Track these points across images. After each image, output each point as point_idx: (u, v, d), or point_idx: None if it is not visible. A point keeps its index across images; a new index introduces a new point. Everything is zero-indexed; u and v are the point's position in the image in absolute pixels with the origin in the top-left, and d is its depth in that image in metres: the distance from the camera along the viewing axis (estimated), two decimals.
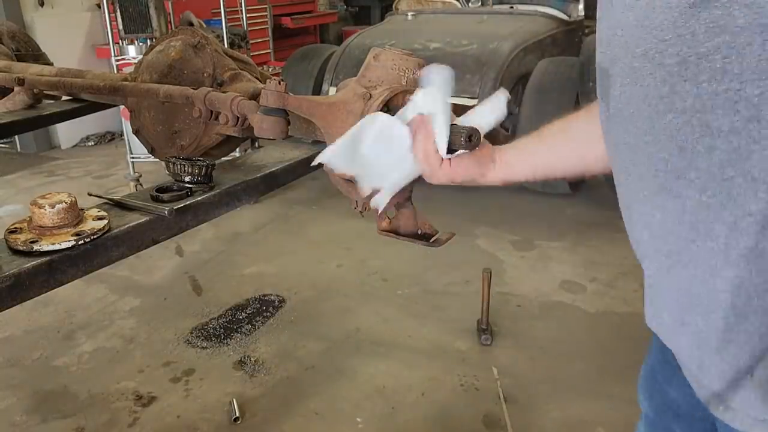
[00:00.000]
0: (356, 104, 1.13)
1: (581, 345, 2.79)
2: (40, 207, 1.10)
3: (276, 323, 3.01)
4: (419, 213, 1.22)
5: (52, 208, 1.09)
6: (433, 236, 1.21)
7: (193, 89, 1.43)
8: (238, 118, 1.37)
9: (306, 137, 1.43)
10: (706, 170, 0.67)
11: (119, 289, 3.35)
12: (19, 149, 6.13)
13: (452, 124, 1.01)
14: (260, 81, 1.73)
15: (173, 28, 4.77)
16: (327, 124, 1.17)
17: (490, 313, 2.84)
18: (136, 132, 1.72)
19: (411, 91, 1.12)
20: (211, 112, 1.41)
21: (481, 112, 1.02)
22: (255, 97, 1.49)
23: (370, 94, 1.12)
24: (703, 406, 0.79)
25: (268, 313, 3.09)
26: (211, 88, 1.42)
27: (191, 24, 4.87)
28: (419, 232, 1.22)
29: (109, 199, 1.26)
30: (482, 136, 1.00)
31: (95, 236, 1.11)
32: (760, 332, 0.69)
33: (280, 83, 1.14)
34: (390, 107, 1.11)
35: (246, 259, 3.70)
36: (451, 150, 1.00)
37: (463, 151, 0.99)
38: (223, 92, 1.56)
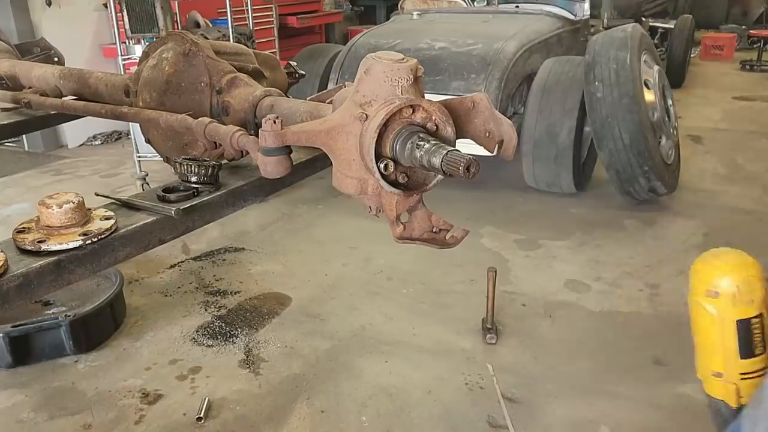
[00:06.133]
0: (354, 126, 1.12)
1: (586, 344, 2.79)
2: (48, 207, 1.11)
3: (281, 321, 3.02)
4: (431, 211, 1.24)
5: (60, 208, 1.11)
6: (448, 231, 1.23)
7: (193, 117, 1.43)
8: (240, 151, 1.37)
9: None
10: None
11: (125, 287, 3.37)
12: (26, 148, 6.17)
13: (452, 150, 1.03)
14: (259, 68, 1.72)
15: (179, 28, 4.78)
16: (329, 148, 1.18)
17: (495, 312, 2.84)
18: (148, 141, 1.73)
19: (408, 107, 1.12)
20: (215, 141, 1.42)
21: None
22: (256, 104, 1.50)
23: (366, 115, 1.11)
24: None
25: (273, 312, 3.10)
26: (210, 119, 1.42)
27: (198, 24, 4.88)
28: (434, 229, 1.23)
29: (116, 199, 1.27)
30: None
31: (102, 236, 1.12)
32: None
33: (275, 122, 1.14)
34: (389, 126, 1.11)
35: (252, 257, 3.71)
36: (449, 176, 1.02)
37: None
38: (224, 101, 1.57)
